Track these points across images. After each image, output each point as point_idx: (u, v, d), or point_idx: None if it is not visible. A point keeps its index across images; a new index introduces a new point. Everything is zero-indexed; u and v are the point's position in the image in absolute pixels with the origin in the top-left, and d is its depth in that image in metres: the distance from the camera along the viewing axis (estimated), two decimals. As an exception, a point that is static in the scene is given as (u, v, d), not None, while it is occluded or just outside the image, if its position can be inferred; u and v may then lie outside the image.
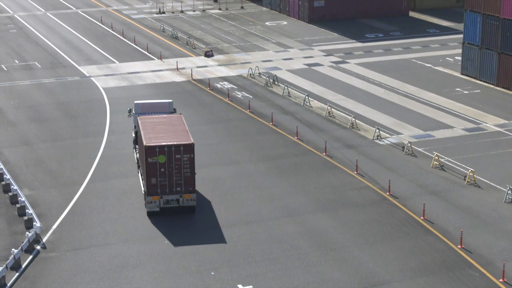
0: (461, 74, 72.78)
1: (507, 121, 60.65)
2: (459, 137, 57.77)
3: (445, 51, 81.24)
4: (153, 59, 79.30)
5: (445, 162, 52.51)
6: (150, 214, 45.44)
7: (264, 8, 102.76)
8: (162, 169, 45.13)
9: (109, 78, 73.24)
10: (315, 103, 65.27)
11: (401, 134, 58.41)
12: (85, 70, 76.00)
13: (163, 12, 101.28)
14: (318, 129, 59.56)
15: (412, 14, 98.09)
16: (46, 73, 75.47)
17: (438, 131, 59.01)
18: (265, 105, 65.18)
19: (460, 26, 78.53)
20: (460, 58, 74.19)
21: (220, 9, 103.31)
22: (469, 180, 49.17)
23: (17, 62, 79.18)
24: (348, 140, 57.39)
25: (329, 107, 63.18)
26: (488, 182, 49.02)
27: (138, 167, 51.99)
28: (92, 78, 73.21)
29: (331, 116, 62.14)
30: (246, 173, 51.40)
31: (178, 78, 73.31)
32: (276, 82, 70.92)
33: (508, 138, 57.33)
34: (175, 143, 45.48)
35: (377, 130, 58.16)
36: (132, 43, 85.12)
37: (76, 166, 52.66)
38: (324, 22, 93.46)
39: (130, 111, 55.38)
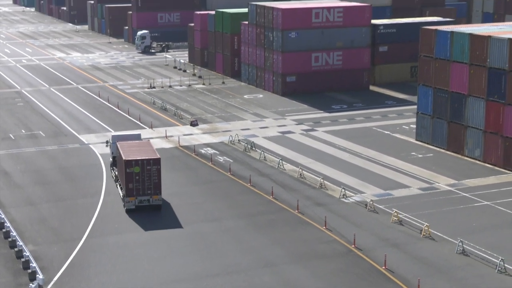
0: (416, 140, 73.31)
1: (456, 181, 61.02)
2: (415, 196, 58.00)
3: (402, 120, 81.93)
4: (144, 128, 79.41)
5: (403, 217, 52.57)
6: (128, 211, 54.19)
7: (243, 83, 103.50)
8: (137, 177, 53.76)
9: (105, 146, 73.10)
10: (288, 166, 65.41)
11: (364, 193, 58.52)
12: (84, 138, 75.91)
13: (154, 87, 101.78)
14: (291, 189, 59.61)
15: (372, 88, 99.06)
16: (50, 141, 75.33)
17: (397, 190, 59.21)
18: (244, 168, 65.26)
19: (414, 98, 79.37)
20: (414, 126, 74.75)
21: (204, 84, 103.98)
22: (424, 233, 49.23)
23: (23, 131, 79.06)
24: (318, 198, 57.45)
25: (300, 170, 63.36)
26: (441, 235, 49.12)
27: (115, 181, 60.31)
28: (90, 146, 73.10)
29: (302, 178, 62.27)
30: (228, 228, 51.20)
31: (167, 145, 73.38)
32: (254, 148, 71.12)
33: (458, 196, 57.65)
34: (146, 158, 54.23)
35: (343, 190, 58.28)
36: (126, 114, 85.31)
37: (75, 223, 52.30)
38: (295, 95, 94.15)
39: (107, 142, 63.64)
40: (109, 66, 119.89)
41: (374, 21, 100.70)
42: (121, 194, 56.51)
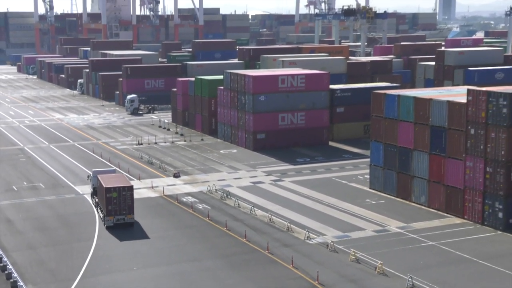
0: (370, 188, 73.60)
1: (405, 224, 61.19)
2: (370, 237, 58.01)
3: (357, 171, 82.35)
4: (133, 179, 78.93)
5: (360, 256, 52.48)
6: (108, 228, 60.06)
7: (219, 140, 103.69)
8: (115, 201, 60.01)
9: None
10: (259, 212, 65.21)
11: (325, 235, 58.41)
12: (79, 189, 75.24)
13: (141, 144, 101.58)
14: (261, 232, 59.34)
15: (331, 143, 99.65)
16: (49, 192, 74.58)
17: (354, 232, 59.20)
18: (220, 214, 64.94)
19: (367, 152, 79.90)
20: (368, 176, 75.12)
21: (185, 141, 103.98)
22: (378, 270, 49.15)
23: (25, 183, 78.25)
24: (285, 240, 57.22)
25: (269, 215, 63.19)
26: (393, 271, 49.05)
27: (96, 206, 66.27)
28: (85, 195, 72.40)
29: (271, 222, 62.05)
30: (207, 267, 50.83)
31: (153, 194, 72.97)
32: (229, 196, 70.92)
33: (407, 237, 57.77)
34: (121, 185, 60.80)
35: (307, 232, 58.17)
36: (117, 168, 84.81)
37: (70, 265, 51.60)
38: (264, 150, 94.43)
39: (89, 176, 70.51)
40: (102, 126, 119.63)
41: (332, 86, 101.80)
42: (101, 215, 62.46)
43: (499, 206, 59.26)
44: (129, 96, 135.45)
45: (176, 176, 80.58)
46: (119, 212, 60.28)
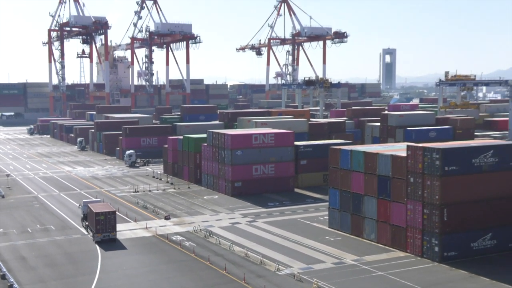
0: (329, 227, 73.39)
1: (359, 257, 60.89)
2: (329, 268, 57.56)
3: (318, 213, 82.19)
4: (130, 221, 77.90)
5: (322, 285, 51.97)
6: (97, 243, 66.41)
7: (203, 187, 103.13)
8: (102, 222, 66.94)
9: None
10: (236, 248, 64.49)
11: (292, 267, 57.86)
12: (84, 230, 73.86)
13: (138, 191, 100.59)
14: (238, 265, 58.59)
15: (296, 190, 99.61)
16: (58, 233, 73.12)
17: (316, 264, 58.73)
18: (204, 250, 64.09)
19: (326, 197, 79.98)
20: (327, 217, 75.02)
21: (174, 188, 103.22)
22: (337, 297, 48.59)
23: (38, 226, 76.74)
24: (258, 272, 56.51)
25: (245, 251, 62.54)
26: (350, 297, 48.45)
27: (86, 228, 72.86)
28: (89, 236, 71.08)
29: (247, 257, 61.36)
30: (192, 297, 49.88)
31: (147, 234, 71.91)
32: (211, 235, 70.17)
33: (360, 268, 57.45)
34: (107, 210, 68.13)
35: (277, 265, 57.62)
36: (117, 212, 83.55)
37: (76, 295, 50.37)
38: (241, 196, 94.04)
39: (79, 205, 77.28)
40: (104, 177, 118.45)
41: (296, 143, 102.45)
42: (91, 233, 69.62)
43: (435, 241, 59.42)
44: (127, 152, 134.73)
45: (167, 218, 79.70)
46: (105, 230, 67.36)
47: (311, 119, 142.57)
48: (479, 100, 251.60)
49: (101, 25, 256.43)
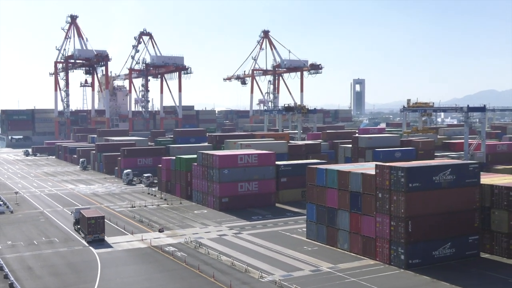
0: (307, 238, 73.25)
1: (334, 265, 60.81)
2: (307, 275, 57.36)
3: (297, 225, 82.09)
4: (127, 234, 77.10)
5: (300, 290, 51.64)
6: (88, 242, 71.06)
7: (193, 203, 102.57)
8: (93, 225, 71.73)
9: (100, 247, 70.44)
10: (224, 258, 64.07)
11: (274, 274, 57.58)
12: (86, 242, 72.90)
13: (134, 207, 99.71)
14: (225, 273, 58.15)
15: (277, 205, 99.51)
16: (62, 245, 72.14)
17: (295, 272, 58.50)
18: (194, 260, 63.55)
19: (304, 211, 79.90)
20: (305, 229, 74.91)
21: (167, 204, 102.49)
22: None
23: (43, 238, 75.66)
24: (244, 279, 56.12)
25: (232, 260, 62.14)
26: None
27: (77, 230, 77.68)
28: (90, 247, 70.21)
29: (233, 265, 60.95)
30: (183, 302, 49.27)
31: (142, 245, 71.18)
32: (201, 246, 69.66)
33: (335, 275, 57.39)
34: (96, 215, 72.85)
35: (260, 273, 57.30)
36: (115, 225, 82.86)
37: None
38: (228, 210, 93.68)
39: (72, 212, 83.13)
40: (104, 193, 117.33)
41: (277, 162, 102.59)
42: (83, 235, 73.96)
43: (401, 250, 59.55)
44: (125, 171, 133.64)
45: (160, 231, 79.00)
46: (96, 232, 72.23)
47: (290, 141, 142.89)
48: (438, 124, 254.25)
49: (102, 58, 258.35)
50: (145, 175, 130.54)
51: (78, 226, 77.66)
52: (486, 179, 67.82)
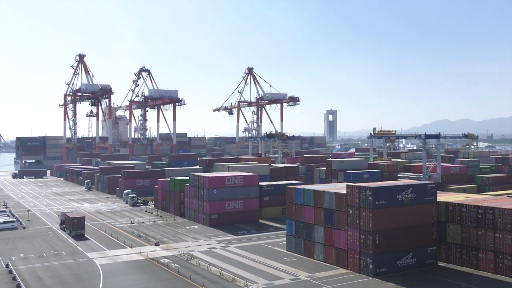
0: (287, 250, 72.84)
1: (311, 274, 60.47)
2: (287, 284, 56.89)
3: (278, 239, 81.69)
4: (126, 247, 76.00)
5: (281, 297, 51.11)
6: (73, 237, 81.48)
7: (186, 219, 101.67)
8: (76, 223, 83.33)
9: (103, 259, 69.26)
10: (213, 268, 63.33)
11: (257, 283, 57.01)
12: (90, 255, 71.72)
13: (133, 223, 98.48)
14: (214, 282, 57.44)
15: (261, 221, 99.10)
16: (67, 257, 70.73)
17: (276, 280, 58.00)
18: (186, 270, 62.73)
19: (284, 227, 79.65)
20: (285, 242, 74.55)
21: (163, 220, 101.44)
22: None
23: (52, 252, 74.17)
24: (231, 287, 55.37)
25: (219, 270, 61.43)
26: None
27: (63, 229, 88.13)
28: (94, 259, 69.00)
29: (221, 275, 60.28)
30: (177, 308, 48.38)
31: (140, 257, 70.14)
32: (192, 258, 68.87)
33: (312, 283, 57.03)
34: (79, 216, 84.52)
35: (245, 282, 56.74)
36: (116, 240, 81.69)
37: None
38: (217, 226, 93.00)
39: (59, 215, 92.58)
40: (106, 211, 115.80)
41: (260, 183, 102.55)
42: (68, 231, 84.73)
43: (370, 260, 59.57)
44: (125, 191, 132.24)
45: (156, 244, 78.03)
46: (78, 229, 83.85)
47: (272, 164, 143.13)
48: (400, 149, 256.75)
49: (106, 91, 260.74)
50: (130, 195, 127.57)
51: (64, 226, 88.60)
52: (442, 197, 68.61)
